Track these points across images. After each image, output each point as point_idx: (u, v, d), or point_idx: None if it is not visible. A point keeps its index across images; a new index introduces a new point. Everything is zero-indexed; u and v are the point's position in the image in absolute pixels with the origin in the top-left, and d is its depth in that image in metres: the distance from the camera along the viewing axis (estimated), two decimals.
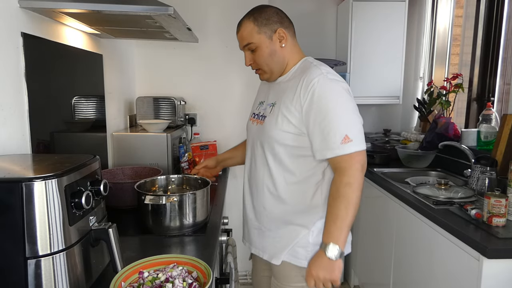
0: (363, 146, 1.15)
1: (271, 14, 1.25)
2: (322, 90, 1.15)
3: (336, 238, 1.11)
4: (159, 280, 0.89)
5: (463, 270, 1.37)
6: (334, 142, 1.12)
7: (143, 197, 1.27)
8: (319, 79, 1.16)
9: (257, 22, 1.24)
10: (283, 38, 1.25)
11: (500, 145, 1.79)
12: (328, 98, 1.15)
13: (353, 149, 1.12)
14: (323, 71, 1.19)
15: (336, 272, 1.12)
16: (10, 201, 0.76)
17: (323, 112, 1.14)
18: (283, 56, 1.27)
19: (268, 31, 1.24)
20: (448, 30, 2.72)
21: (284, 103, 1.22)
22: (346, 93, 1.18)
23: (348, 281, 2.77)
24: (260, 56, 1.26)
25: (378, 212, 2.22)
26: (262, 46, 1.25)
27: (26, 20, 1.22)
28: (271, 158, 1.27)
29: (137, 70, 2.55)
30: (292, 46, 1.29)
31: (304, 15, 2.95)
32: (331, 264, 1.12)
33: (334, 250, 1.11)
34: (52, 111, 1.40)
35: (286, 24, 1.27)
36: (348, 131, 1.12)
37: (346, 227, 1.12)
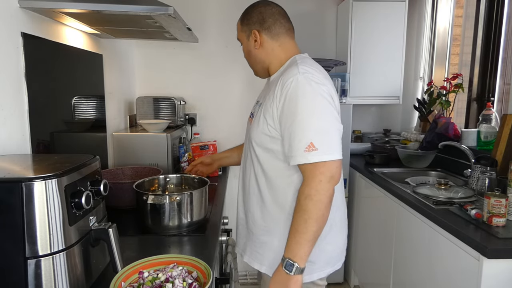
0: (332, 156, 1.06)
1: (254, 13, 1.22)
2: (294, 92, 1.08)
3: (294, 253, 1.04)
4: (159, 280, 0.89)
5: (463, 270, 1.37)
6: (297, 149, 1.06)
7: (145, 197, 1.27)
8: (293, 80, 1.09)
9: (241, 21, 1.26)
10: (256, 41, 1.22)
11: (500, 145, 1.79)
12: (298, 101, 1.07)
13: (317, 158, 1.04)
14: (301, 70, 1.11)
15: (293, 287, 1.05)
16: (10, 201, 0.76)
17: (292, 115, 1.07)
18: (259, 57, 1.25)
19: (247, 31, 1.24)
20: (448, 30, 2.72)
21: (265, 104, 1.18)
22: (320, 97, 1.09)
23: (348, 281, 2.77)
24: (244, 51, 1.30)
25: (378, 212, 2.22)
26: (243, 44, 1.29)
27: (26, 20, 1.22)
28: (255, 159, 1.23)
29: (137, 70, 2.55)
30: (273, 47, 1.23)
31: (304, 15, 2.95)
32: (288, 279, 1.05)
33: (291, 265, 1.04)
34: (52, 111, 1.40)
35: (267, 25, 1.21)
36: (313, 139, 1.04)
37: (305, 242, 1.04)
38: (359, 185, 2.56)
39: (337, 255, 1.29)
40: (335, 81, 2.53)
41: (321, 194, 1.04)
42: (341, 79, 2.56)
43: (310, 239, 1.04)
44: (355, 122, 3.02)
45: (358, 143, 2.94)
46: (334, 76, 2.56)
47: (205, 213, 1.41)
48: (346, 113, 2.52)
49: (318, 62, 2.70)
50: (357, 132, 3.05)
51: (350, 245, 2.71)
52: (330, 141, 1.07)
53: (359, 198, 2.57)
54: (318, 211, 1.04)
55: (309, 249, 1.05)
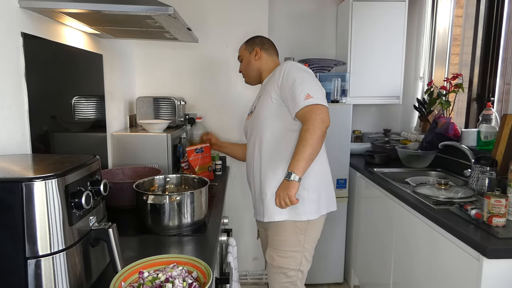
0: (324, 103, 1.47)
1: (257, 39, 1.79)
2: (290, 69, 1.57)
3: (293, 167, 1.42)
4: (159, 280, 0.89)
5: (463, 270, 1.37)
6: (299, 100, 1.47)
7: (145, 197, 1.27)
8: (287, 65, 1.59)
9: (246, 44, 1.81)
10: (257, 54, 1.75)
11: (500, 145, 1.79)
12: (293, 73, 1.55)
13: (314, 101, 1.45)
14: (290, 62, 1.62)
15: (291, 189, 1.41)
16: (10, 201, 0.76)
17: (290, 82, 1.52)
18: (257, 66, 1.76)
19: (250, 48, 1.77)
20: (448, 30, 2.72)
21: (266, 91, 1.64)
22: (308, 73, 1.60)
23: (348, 281, 2.77)
24: (243, 64, 1.81)
25: (378, 212, 2.22)
26: (245, 58, 1.79)
27: (26, 20, 1.22)
28: (261, 135, 1.62)
29: (137, 70, 2.55)
30: (267, 60, 1.76)
31: (304, 15, 2.95)
32: (288, 183, 1.42)
33: (290, 174, 1.42)
34: (52, 111, 1.40)
35: (266, 46, 1.76)
36: (309, 91, 1.47)
37: (302, 159, 1.41)
38: (359, 185, 2.56)
39: (333, 197, 1.71)
40: (335, 81, 2.53)
41: (315, 127, 1.43)
42: (341, 79, 2.55)
43: (306, 157, 1.42)
44: (355, 122, 3.03)
45: (358, 143, 2.94)
46: (334, 76, 2.56)
47: (205, 213, 1.41)
48: (346, 113, 2.52)
49: (318, 62, 2.71)
50: (357, 132, 3.05)
51: (350, 245, 2.71)
52: (321, 95, 1.51)
53: (359, 198, 2.57)
54: (312, 139, 1.42)
55: (305, 165, 1.43)
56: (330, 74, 2.58)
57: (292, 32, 2.94)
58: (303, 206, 1.57)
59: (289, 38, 2.92)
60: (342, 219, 2.65)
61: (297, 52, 2.85)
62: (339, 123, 2.48)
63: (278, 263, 1.63)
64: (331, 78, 2.52)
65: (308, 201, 1.59)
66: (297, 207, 1.55)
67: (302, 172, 1.42)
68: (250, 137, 1.72)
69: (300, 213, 1.58)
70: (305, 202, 1.57)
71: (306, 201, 1.58)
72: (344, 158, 2.57)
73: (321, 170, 1.64)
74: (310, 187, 1.58)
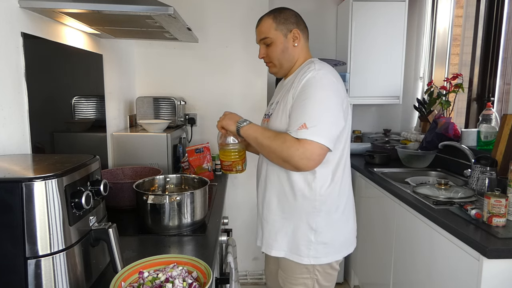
0: (318, 139, 1.17)
1: (289, 15, 1.36)
2: (308, 83, 1.24)
3: (251, 127, 1.29)
4: (159, 280, 0.89)
5: (463, 270, 1.37)
6: (294, 127, 1.20)
7: (145, 197, 1.27)
8: (311, 73, 1.25)
9: (276, 20, 1.35)
10: (296, 38, 1.35)
11: (500, 145, 1.79)
12: (311, 88, 1.23)
13: (304, 135, 1.17)
14: (317, 68, 1.27)
15: (227, 121, 1.32)
16: (10, 201, 0.76)
17: (302, 98, 1.22)
18: (294, 54, 1.37)
19: (285, 29, 1.34)
20: (448, 30, 2.72)
21: (284, 99, 1.32)
22: (330, 91, 1.24)
23: (348, 281, 2.77)
24: (274, 51, 1.36)
25: (378, 212, 2.22)
26: (277, 42, 1.35)
27: (26, 20, 1.22)
28: None
29: (137, 70, 2.55)
30: (303, 47, 1.39)
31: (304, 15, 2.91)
32: (235, 119, 1.31)
33: (241, 123, 1.29)
34: (52, 111, 1.40)
35: (302, 27, 1.38)
36: (308, 119, 1.18)
37: (255, 138, 1.26)
38: (359, 185, 2.56)
39: (350, 237, 1.41)
40: None
41: (288, 156, 1.19)
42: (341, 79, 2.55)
43: (259, 141, 1.25)
44: (355, 122, 3.03)
45: (358, 143, 2.94)
46: None
47: (205, 213, 1.41)
48: None
49: None
50: (357, 132, 3.05)
51: None
52: (323, 128, 1.19)
53: (359, 198, 2.57)
54: (274, 152, 1.22)
55: (253, 138, 1.27)
56: None
57: None
58: (307, 249, 1.30)
59: None
60: None
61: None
62: None
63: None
64: None
65: (315, 244, 1.30)
66: (299, 246, 1.31)
67: (246, 135, 1.29)
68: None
69: (302, 255, 1.31)
70: (311, 244, 1.30)
71: (312, 243, 1.30)
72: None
73: (337, 205, 1.33)
74: (319, 226, 1.30)
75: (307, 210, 1.30)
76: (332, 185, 1.31)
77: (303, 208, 1.31)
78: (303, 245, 1.31)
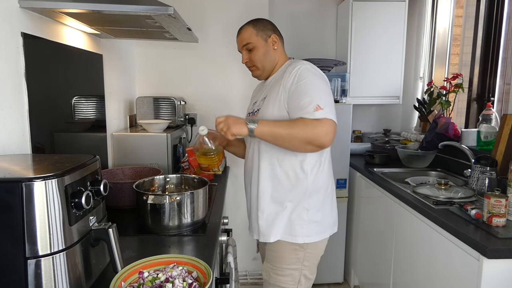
0: (333, 117, 1.30)
1: (266, 23, 1.51)
2: (302, 74, 1.36)
3: (264, 123, 1.29)
4: (159, 280, 0.89)
5: (463, 270, 1.37)
6: (308, 110, 1.28)
7: (145, 197, 1.27)
8: (300, 67, 1.38)
9: (255, 27, 1.49)
10: (275, 42, 1.49)
11: (500, 145, 1.79)
12: (306, 78, 1.34)
13: (324, 114, 1.27)
14: (305, 63, 1.41)
15: (236, 125, 1.28)
16: (10, 201, 0.76)
17: (302, 88, 1.33)
18: (274, 57, 1.51)
19: (264, 35, 1.48)
20: (448, 30, 2.72)
21: (272, 94, 1.42)
22: (321, 79, 1.39)
23: (348, 281, 2.77)
24: (256, 54, 1.48)
25: (378, 212, 2.22)
26: (259, 46, 1.48)
27: (26, 20, 1.22)
28: (264, 143, 1.40)
29: (137, 70, 2.55)
30: (281, 51, 1.53)
31: (304, 15, 2.95)
32: (242, 121, 1.29)
33: (254, 123, 1.28)
34: (52, 111, 1.40)
35: (278, 33, 1.52)
36: (320, 101, 1.29)
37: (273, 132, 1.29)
38: (359, 185, 2.56)
39: (334, 216, 1.53)
40: (335, 81, 2.53)
41: (314, 136, 1.26)
42: (341, 79, 2.56)
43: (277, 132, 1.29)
44: (355, 122, 3.03)
45: (358, 143, 2.94)
46: (334, 76, 2.56)
47: (205, 213, 1.41)
48: (346, 113, 2.52)
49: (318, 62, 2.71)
50: (357, 132, 3.05)
51: (350, 245, 2.71)
52: (332, 109, 1.31)
53: (359, 198, 2.57)
54: (298, 137, 1.27)
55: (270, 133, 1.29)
56: (330, 74, 2.58)
57: (292, 32, 2.94)
58: (301, 228, 1.41)
59: (289, 38, 2.89)
60: (342, 219, 2.64)
61: (297, 52, 2.85)
62: (339, 123, 2.47)
63: (274, 280, 1.47)
64: (331, 78, 2.52)
65: (308, 222, 1.41)
66: (294, 227, 1.41)
67: (261, 134, 1.29)
68: (251, 142, 1.51)
69: (297, 235, 1.41)
70: (304, 223, 1.41)
71: (305, 222, 1.41)
72: (344, 158, 2.57)
73: (326, 185, 1.47)
74: (312, 206, 1.42)
75: (301, 192, 1.40)
76: (321, 167, 1.43)
77: (297, 191, 1.41)
78: (297, 224, 1.41)
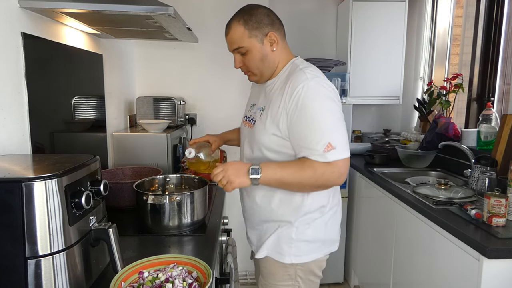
0: (346, 154, 1.13)
1: (262, 16, 1.21)
2: (307, 96, 1.12)
3: (269, 172, 1.12)
4: (159, 280, 0.89)
5: (463, 270, 1.37)
6: (317, 150, 1.10)
7: (145, 197, 1.27)
8: (303, 86, 1.13)
9: (247, 26, 1.20)
10: (274, 42, 1.23)
11: (500, 145, 1.79)
12: (312, 105, 1.12)
13: (337, 156, 1.10)
14: (309, 76, 1.15)
15: (238, 179, 1.12)
16: (10, 201, 0.76)
17: (306, 118, 1.12)
18: (274, 60, 1.25)
19: (260, 34, 1.21)
20: (448, 30, 2.72)
21: (272, 109, 1.20)
22: (331, 101, 1.15)
23: (348, 281, 2.77)
24: (251, 60, 1.24)
25: (378, 212, 2.22)
26: (253, 50, 1.22)
27: (26, 20, 1.22)
28: (260, 160, 1.25)
29: (137, 70, 2.55)
30: (282, 49, 1.27)
31: (304, 15, 2.95)
32: (243, 172, 1.13)
33: (257, 173, 1.12)
34: (52, 111, 1.40)
35: (277, 26, 1.24)
36: (331, 138, 1.10)
37: (280, 180, 1.13)
38: (359, 185, 2.56)
39: (333, 235, 1.34)
40: (335, 81, 2.53)
41: (325, 182, 1.13)
42: (341, 79, 2.56)
43: (284, 182, 1.14)
44: (355, 122, 3.03)
45: (358, 143, 2.94)
46: (334, 76, 2.56)
47: (205, 213, 1.41)
48: (346, 113, 2.49)
49: (318, 62, 2.71)
50: (357, 132, 3.05)
51: (350, 245, 2.71)
52: (344, 141, 1.13)
53: (359, 198, 2.57)
54: (308, 185, 1.14)
55: (276, 183, 1.15)
56: (330, 74, 2.58)
57: (292, 32, 2.94)
58: (288, 247, 1.24)
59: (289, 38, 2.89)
60: (342, 219, 2.63)
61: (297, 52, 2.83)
62: None
63: None
64: (331, 78, 2.52)
65: (296, 241, 1.24)
66: (281, 245, 1.26)
67: (267, 182, 1.14)
68: (245, 149, 1.36)
69: (283, 254, 1.25)
70: (293, 242, 1.24)
71: (294, 241, 1.24)
72: None
73: (325, 202, 1.27)
74: (301, 224, 1.24)
75: (294, 209, 1.26)
76: None
77: (290, 208, 1.26)
78: (284, 243, 1.26)
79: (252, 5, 1.24)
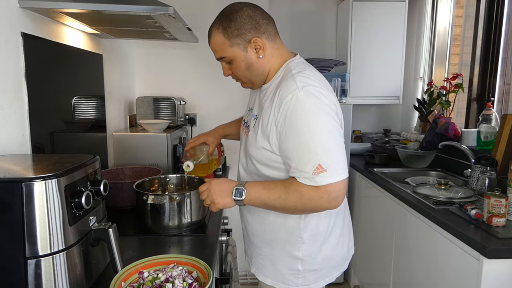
0: (340, 177, 1.00)
1: (243, 20, 1.07)
2: (294, 110, 1.00)
3: (252, 194, 1.06)
4: (159, 280, 0.89)
5: (463, 270, 1.37)
6: (305, 172, 1.00)
7: (145, 197, 1.27)
8: (293, 96, 1.01)
9: (227, 34, 1.09)
10: (260, 48, 1.09)
11: (500, 145, 1.79)
12: (301, 119, 1.00)
13: (326, 181, 0.98)
14: (299, 85, 1.02)
15: (222, 200, 1.07)
16: (10, 201, 0.76)
17: (295, 135, 1.01)
18: (262, 67, 1.13)
19: (242, 42, 1.08)
20: (448, 30, 2.72)
21: (263, 121, 1.10)
22: (323, 113, 1.01)
23: (348, 281, 2.77)
24: (237, 69, 1.14)
25: (378, 212, 2.22)
26: (237, 59, 1.11)
27: (26, 20, 1.22)
28: (256, 173, 1.18)
29: (137, 70, 2.55)
30: (272, 52, 1.13)
31: (304, 15, 2.95)
32: (227, 192, 1.07)
33: (240, 195, 1.06)
34: (52, 111, 1.40)
35: (263, 27, 1.09)
36: (321, 160, 0.98)
37: (264, 203, 1.06)
38: (359, 185, 2.56)
39: (340, 258, 1.26)
40: (335, 81, 2.53)
41: (314, 208, 1.04)
42: (341, 79, 2.55)
43: (269, 204, 1.06)
44: (355, 122, 3.03)
45: (358, 143, 2.94)
46: (334, 76, 2.56)
47: (205, 213, 1.41)
48: (346, 113, 2.50)
49: (318, 62, 2.70)
50: (357, 132, 3.05)
51: None
52: (338, 160, 1.00)
53: (359, 198, 2.57)
54: (295, 210, 1.06)
55: (261, 204, 1.07)
56: (330, 74, 2.58)
57: (292, 32, 2.94)
58: (295, 278, 1.18)
59: (289, 38, 2.92)
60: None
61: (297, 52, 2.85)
62: None
63: None
64: (331, 78, 2.52)
65: (303, 272, 1.18)
66: (286, 276, 1.19)
67: (252, 204, 1.08)
68: (241, 156, 1.28)
69: (290, 284, 1.19)
70: (300, 273, 1.18)
71: (301, 272, 1.18)
72: None
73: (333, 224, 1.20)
74: (305, 254, 1.16)
75: (289, 239, 1.16)
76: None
77: (285, 237, 1.17)
78: (290, 274, 1.18)
79: (234, 6, 1.10)
